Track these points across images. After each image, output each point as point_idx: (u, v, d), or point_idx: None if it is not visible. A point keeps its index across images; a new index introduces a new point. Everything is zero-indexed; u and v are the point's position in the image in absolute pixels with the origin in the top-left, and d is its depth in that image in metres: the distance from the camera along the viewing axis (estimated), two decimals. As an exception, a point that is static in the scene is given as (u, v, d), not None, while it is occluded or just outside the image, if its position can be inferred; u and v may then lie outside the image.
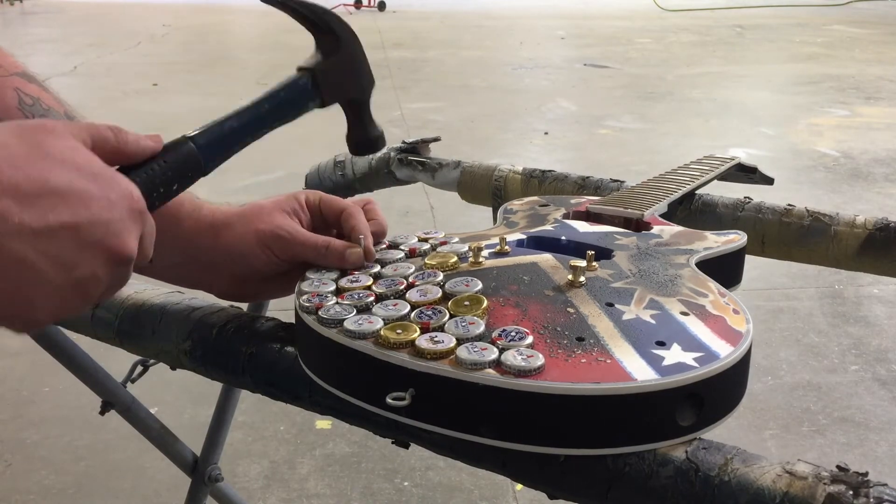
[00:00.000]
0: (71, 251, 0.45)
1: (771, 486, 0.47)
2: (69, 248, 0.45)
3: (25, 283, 0.44)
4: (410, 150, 1.13)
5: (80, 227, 0.45)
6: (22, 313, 0.45)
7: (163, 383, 1.84)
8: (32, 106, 0.64)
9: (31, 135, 0.45)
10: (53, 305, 0.46)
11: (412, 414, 0.53)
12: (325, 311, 0.58)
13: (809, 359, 2.56)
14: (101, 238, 0.46)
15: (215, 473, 1.16)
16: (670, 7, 11.83)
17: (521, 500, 1.94)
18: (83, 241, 0.45)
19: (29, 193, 0.43)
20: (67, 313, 0.47)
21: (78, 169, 0.46)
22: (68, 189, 0.45)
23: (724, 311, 0.58)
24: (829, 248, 0.91)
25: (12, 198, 0.42)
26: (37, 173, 0.44)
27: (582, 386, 0.49)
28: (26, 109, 0.64)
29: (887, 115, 5.63)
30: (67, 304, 0.46)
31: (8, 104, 0.63)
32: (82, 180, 0.45)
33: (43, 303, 0.45)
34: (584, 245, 0.69)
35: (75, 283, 0.46)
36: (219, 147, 0.56)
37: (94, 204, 0.46)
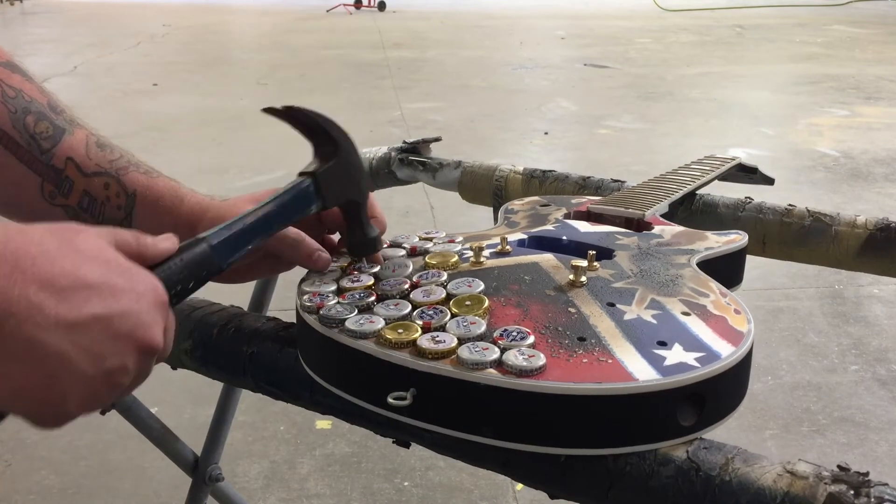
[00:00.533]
0: (102, 342, 0.46)
1: (772, 485, 0.47)
2: (101, 339, 0.46)
3: (59, 374, 0.45)
4: (411, 149, 1.13)
5: (111, 319, 0.46)
6: (54, 406, 0.46)
7: (163, 383, 1.84)
8: (15, 98, 0.64)
9: (63, 233, 0.47)
10: (84, 397, 0.46)
11: (414, 414, 0.53)
12: (326, 310, 0.58)
13: (809, 359, 2.56)
14: (131, 329, 0.47)
15: (216, 473, 1.16)
16: (670, 7, 11.83)
17: (521, 500, 1.94)
18: (114, 333, 0.46)
19: (64, 287, 0.45)
20: (96, 405, 0.48)
21: (107, 264, 0.47)
22: (100, 282, 0.46)
23: (726, 311, 0.58)
24: (830, 249, 0.91)
25: (48, 291, 0.44)
26: (70, 267, 0.45)
27: (584, 386, 0.49)
28: (9, 102, 0.64)
29: (887, 115, 5.63)
30: (97, 396, 0.47)
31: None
32: (112, 274, 0.47)
33: (74, 395, 0.46)
34: (585, 245, 0.69)
35: (105, 374, 0.47)
36: (230, 247, 0.58)
37: (124, 297, 0.47)
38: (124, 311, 0.47)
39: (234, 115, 5.37)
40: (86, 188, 0.66)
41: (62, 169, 0.65)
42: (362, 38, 9.07)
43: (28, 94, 0.65)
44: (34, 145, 0.65)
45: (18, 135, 0.64)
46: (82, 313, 0.45)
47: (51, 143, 0.65)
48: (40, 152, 0.65)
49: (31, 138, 0.65)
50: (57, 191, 0.66)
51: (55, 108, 0.67)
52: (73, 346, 0.44)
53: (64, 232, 0.47)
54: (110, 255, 0.48)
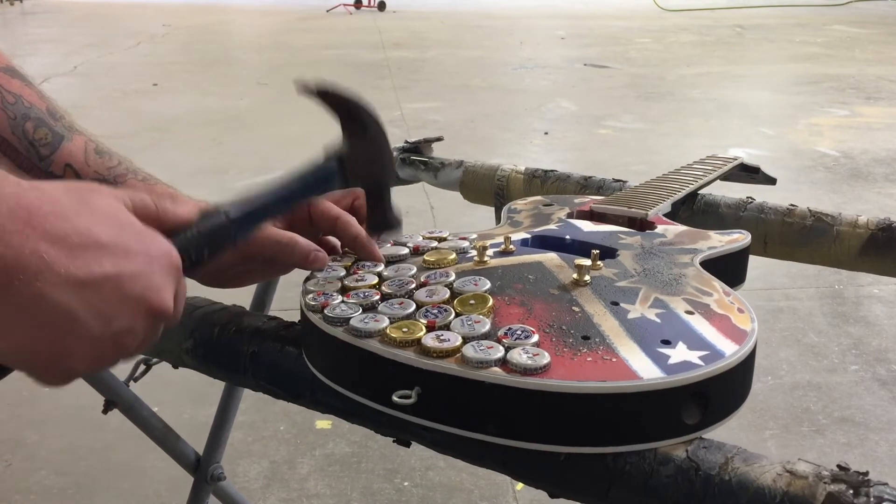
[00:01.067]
0: (112, 302, 0.46)
1: (771, 485, 0.47)
2: (110, 299, 0.46)
3: (66, 332, 0.44)
4: (413, 149, 1.13)
5: (122, 279, 0.46)
6: (59, 362, 0.46)
7: (163, 383, 1.84)
8: (14, 104, 0.65)
9: (78, 192, 0.47)
10: (90, 355, 0.46)
11: (418, 412, 0.53)
12: (330, 309, 0.58)
13: (809, 359, 2.56)
14: (141, 291, 0.47)
15: (218, 472, 1.16)
16: (670, 7, 11.83)
17: (521, 499, 1.94)
18: (124, 293, 0.46)
19: (76, 245, 0.44)
20: (102, 365, 0.48)
21: (121, 225, 0.47)
22: (113, 243, 0.46)
23: (729, 310, 0.58)
24: (832, 249, 0.91)
25: (60, 248, 0.44)
26: (84, 226, 0.45)
27: (588, 384, 0.49)
28: (9, 108, 0.64)
29: (887, 115, 5.63)
30: (103, 356, 0.47)
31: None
32: (125, 235, 0.47)
33: (80, 352, 0.46)
34: (588, 244, 0.69)
35: (113, 335, 0.46)
36: (249, 220, 0.59)
37: (136, 258, 0.47)
38: (135, 273, 0.46)
39: (234, 115, 5.37)
40: None
41: (61, 175, 0.66)
42: (362, 38, 9.07)
43: (28, 100, 0.66)
44: (33, 152, 0.65)
45: (17, 141, 0.64)
46: (93, 272, 0.45)
47: (49, 150, 0.65)
48: (39, 159, 0.65)
49: (31, 144, 0.65)
50: None
51: (54, 115, 0.67)
52: (82, 303, 0.44)
53: (80, 191, 0.47)
54: (125, 217, 0.48)
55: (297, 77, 0.66)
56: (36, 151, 0.65)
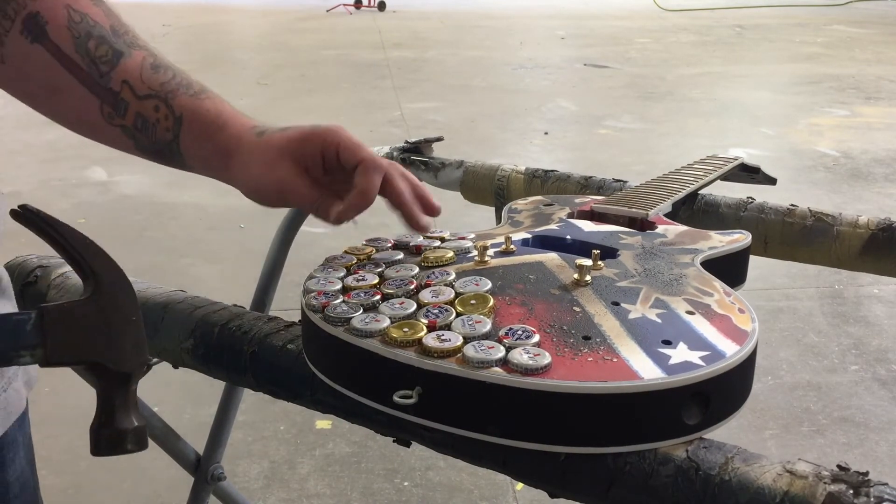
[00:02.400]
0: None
1: (771, 485, 0.47)
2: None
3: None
4: (413, 149, 1.13)
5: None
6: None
7: (163, 383, 1.85)
8: (80, 23, 0.67)
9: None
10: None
11: (419, 412, 0.53)
12: (331, 309, 0.58)
13: (809, 359, 2.56)
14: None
15: (218, 472, 1.16)
16: (670, 7, 11.83)
17: (521, 499, 1.94)
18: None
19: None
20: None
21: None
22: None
23: (730, 310, 0.58)
24: (832, 249, 0.91)
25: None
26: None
27: (589, 384, 0.49)
28: (74, 27, 0.67)
29: (887, 115, 5.63)
30: None
31: (60, 22, 0.66)
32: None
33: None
34: (589, 244, 0.69)
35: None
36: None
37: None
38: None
39: (234, 115, 5.36)
40: (139, 110, 0.68)
41: (118, 91, 0.68)
42: (362, 38, 9.07)
43: (93, 19, 0.68)
44: (94, 69, 0.67)
45: (80, 59, 0.67)
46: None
47: (109, 67, 0.68)
48: (99, 75, 0.67)
49: (92, 62, 0.67)
50: (114, 112, 0.68)
51: (117, 31, 0.69)
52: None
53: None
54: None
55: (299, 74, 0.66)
56: (97, 68, 0.67)
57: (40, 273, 0.81)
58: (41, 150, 4.60)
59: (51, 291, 0.79)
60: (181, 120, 0.69)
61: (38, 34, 0.65)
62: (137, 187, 4.09)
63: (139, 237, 3.48)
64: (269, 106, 5.69)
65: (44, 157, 4.49)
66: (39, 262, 0.83)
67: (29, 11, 0.65)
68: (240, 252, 3.31)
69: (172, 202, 3.89)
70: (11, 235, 0.61)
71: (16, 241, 0.70)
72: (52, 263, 0.82)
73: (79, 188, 4.08)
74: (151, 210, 3.79)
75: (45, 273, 0.81)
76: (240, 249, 3.33)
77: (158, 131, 0.69)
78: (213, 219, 3.67)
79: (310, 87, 6.28)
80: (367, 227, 0.70)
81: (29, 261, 0.83)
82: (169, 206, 3.84)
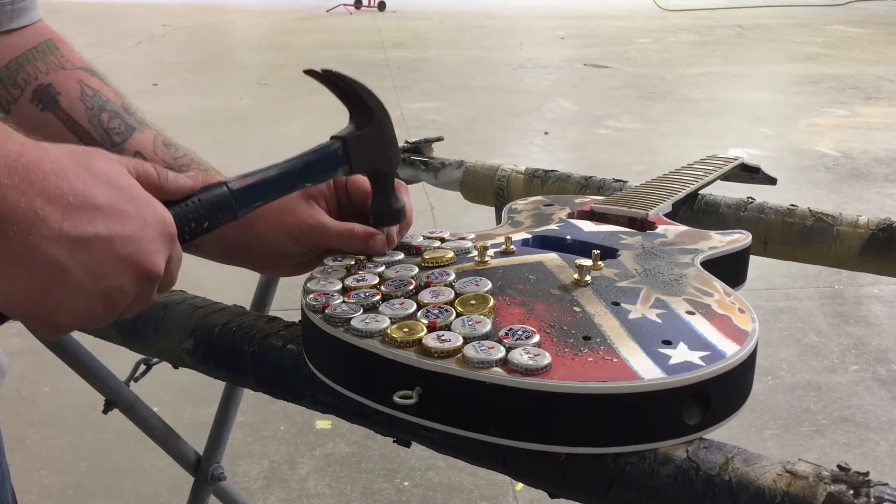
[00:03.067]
0: (102, 261, 0.48)
1: (771, 485, 0.47)
2: (102, 258, 0.48)
3: (58, 285, 0.47)
4: (413, 149, 1.13)
5: (114, 241, 0.48)
6: (49, 314, 0.48)
7: (162, 383, 1.84)
8: (93, 97, 0.70)
9: (82, 155, 0.50)
10: (79, 311, 0.49)
11: (419, 412, 0.53)
12: (331, 309, 0.58)
13: (809, 359, 2.56)
14: (132, 253, 0.49)
15: (218, 472, 1.16)
16: (670, 7, 11.83)
17: (521, 499, 1.94)
18: (115, 254, 0.48)
19: (71, 204, 0.47)
20: (91, 321, 0.50)
21: (119, 189, 0.50)
22: (108, 205, 0.48)
23: (730, 310, 0.58)
24: (832, 249, 0.91)
25: (55, 206, 0.46)
26: (82, 187, 0.48)
27: (589, 385, 0.49)
28: (87, 100, 0.69)
29: (887, 115, 5.63)
30: (92, 312, 0.49)
31: (72, 95, 0.69)
32: (122, 200, 0.49)
33: (70, 307, 0.48)
34: (589, 244, 0.69)
35: (103, 292, 0.49)
36: (250, 195, 0.60)
37: (130, 222, 0.49)
38: (127, 235, 0.49)
39: (235, 115, 5.37)
40: None
41: None
42: (362, 38, 9.07)
43: (105, 95, 0.71)
44: (107, 139, 0.69)
45: (93, 129, 0.69)
46: (86, 231, 0.47)
47: (121, 139, 0.70)
48: (111, 145, 0.69)
49: (105, 132, 0.69)
50: None
51: (128, 110, 0.72)
52: (74, 260, 0.47)
53: (84, 154, 0.50)
54: (124, 182, 0.50)
55: (299, 74, 0.67)
56: (109, 139, 0.69)
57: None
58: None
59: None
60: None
61: (49, 103, 0.68)
62: (137, 187, 4.08)
63: (139, 237, 3.48)
64: (269, 106, 5.69)
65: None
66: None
67: (41, 83, 0.68)
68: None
69: (172, 202, 3.88)
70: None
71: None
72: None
73: (79, 188, 4.08)
74: (151, 210, 3.79)
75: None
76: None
77: None
78: (213, 219, 3.67)
79: (310, 87, 6.25)
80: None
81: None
82: (169, 206, 3.83)
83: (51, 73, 0.69)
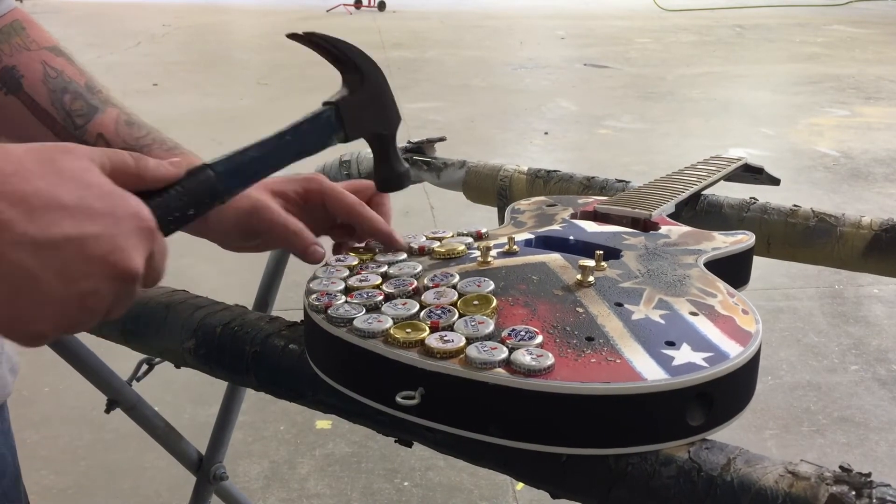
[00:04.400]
0: (74, 264, 0.45)
1: (773, 486, 0.47)
2: (72, 260, 0.45)
3: (27, 293, 0.44)
4: (416, 149, 1.13)
5: (84, 241, 0.45)
6: (24, 323, 0.46)
7: (162, 383, 1.84)
8: (56, 79, 0.69)
9: (46, 153, 0.47)
10: (55, 318, 0.46)
11: (422, 413, 0.52)
12: (334, 310, 0.58)
13: (809, 359, 2.56)
14: (105, 253, 0.46)
15: (220, 472, 1.16)
16: (670, 7, 11.82)
17: (521, 499, 1.94)
18: (87, 255, 0.46)
19: (36, 207, 0.44)
20: (71, 327, 0.48)
21: (87, 186, 0.47)
22: (75, 204, 0.46)
23: (733, 311, 0.58)
24: (835, 249, 0.91)
25: (19, 209, 0.44)
26: (46, 188, 0.45)
27: (592, 385, 0.49)
28: (50, 82, 0.69)
29: (887, 115, 5.63)
30: (70, 318, 0.47)
31: (35, 77, 0.68)
32: (90, 197, 0.47)
33: (45, 314, 0.46)
34: (592, 245, 0.69)
35: (78, 296, 0.46)
36: (238, 175, 0.57)
37: (101, 220, 0.46)
38: (98, 235, 0.46)
39: (234, 115, 5.37)
40: None
41: (93, 144, 0.69)
42: (362, 38, 9.06)
43: (68, 75, 0.70)
44: (69, 122, 0.69)
45: (56, 111, 0.68)
46: (52, 233, 0.44)
47: (84, 121, 0.69)
48: (74, 128, 0.69)
49: (67, 115, 0.69)
50: None
51: (92, 89, 0.71)
52: (42, 265, 0.44)
53: (49, 152, 0.47)
54: (93, 178, 0.48)
55: (299, 74, 0.66)
56: (72, 121, 0.69)
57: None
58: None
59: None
60: None
61: (12, 86, 0.67)
62: (137, 187, 4.08)
63: (139, 237, 3.47)
64: (269, 106, 5.69)
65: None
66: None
67: (4, 65, 0.67)
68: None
69: (172, 202, 3.88)
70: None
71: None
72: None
73: (79, 188, 4.08)
74: (151, 210, 3.79)
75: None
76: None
77: None
78: (214, 218, 3.67)
79: (310, 87, 6.27)
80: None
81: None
82: (169, 206, 3.83)
83: (14, 55, 0.68)
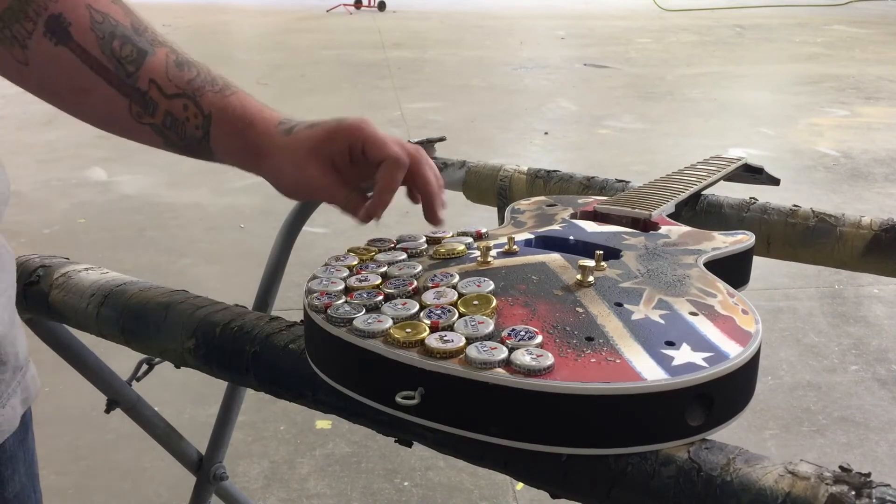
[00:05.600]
0: None
1: (773, 486, 0.47)
2: None
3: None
4: (415, 149, 1.12)
5: None
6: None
7: (162, 383, 1.84)
8: (102, 24, 0.67)
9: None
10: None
11: (421, 413, 0.53)
12: (334, 310, 0.58)
13: (809, 359, 2.56)
14: None
15: (220, 472, 1.16)
16: (670, 7, 11.82)
17: (521, 499, 1.94)
18: None
19: None
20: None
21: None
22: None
23: (733, 311, 0.58)
24: (835, 249, 0.91)
25: None
26: None
27: (592, 386, 0.49)
28: (97, 28, 0.67)
29: (887, 115, 5.63)
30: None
31: (83, 24, 0.66)
32: None
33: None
34: (592, 245, 0.69)
35: None
36: None
37: None
38: None
39: (234, 115, 5.35)
40: (168, 108, 0.69)
41: (146, 90, 0.68)
42: (362, 38, 9.06)
43: (114, 18, 0.68)
44: (121, 69, 0.68)
45: (107, 59, 0.67)
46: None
47: (135, 66, 0.68)
48: (126, 75, 0.68)
49: (119, 62, 0.68)
50: (143, 111, 0.69)
51: (138, 29, 0.70)
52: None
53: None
54: None
55: (299, 74, 0.66)
56: (124, 69, 0.68)
57: (42, 273, 0.81)
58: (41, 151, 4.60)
59: (53, 291, 0.79)
60: (210, 118, 0.69)
61: (62, 36, 0.66)
62: (137, 187, 4.09)
63: (139, 237, 3.48)
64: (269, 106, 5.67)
65: (43, 158, 4.49)
66: (42, 262, 0.82)
67: (51, 13, 0.65)
68: (239, 252, 3.30)
69: (172, 202, 3.89)
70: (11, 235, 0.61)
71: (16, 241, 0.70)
72: (53, 263, 0.82)
73: (78, 188, 4.08)
74: (151, 210, 3.79)
75: (47, 273, 0.81)
76: (239, 249, 3.33)
77: (188, 129, 0.69)
78: (213, 219, 3.67)
79: (310, 87, 6.28)
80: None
81: (31, 261, 0.83)
82: (169, 206, 3.83)
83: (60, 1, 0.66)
